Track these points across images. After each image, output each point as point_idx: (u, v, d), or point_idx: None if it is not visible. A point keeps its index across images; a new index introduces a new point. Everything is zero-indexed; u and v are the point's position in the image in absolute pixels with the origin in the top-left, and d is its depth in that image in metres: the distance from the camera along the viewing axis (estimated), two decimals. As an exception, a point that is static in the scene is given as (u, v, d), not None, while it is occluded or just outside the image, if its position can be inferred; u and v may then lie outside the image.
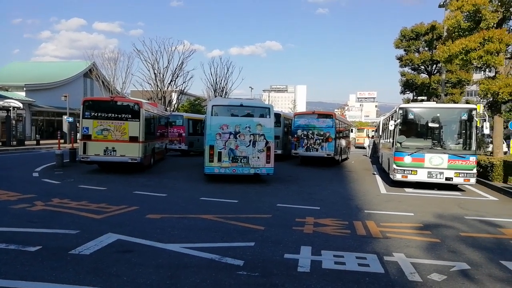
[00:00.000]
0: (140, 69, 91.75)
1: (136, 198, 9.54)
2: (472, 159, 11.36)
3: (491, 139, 19.02)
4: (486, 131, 11.66)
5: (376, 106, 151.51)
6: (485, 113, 13.78)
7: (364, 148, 33.35)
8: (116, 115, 13.65)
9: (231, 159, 11.93)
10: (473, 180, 11.38)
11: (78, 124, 16.00)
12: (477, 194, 11.58)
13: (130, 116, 13.71)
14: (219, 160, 11.89)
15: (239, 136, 11.99)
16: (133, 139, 13.59)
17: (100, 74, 39.91)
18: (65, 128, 32.95)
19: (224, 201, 9.32)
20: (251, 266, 4.84)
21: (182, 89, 39.61)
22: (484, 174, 13.63)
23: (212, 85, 41.28)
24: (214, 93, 40.67)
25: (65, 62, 57.94)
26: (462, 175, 11.30)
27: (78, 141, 14.55)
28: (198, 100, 46.88)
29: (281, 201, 9.56)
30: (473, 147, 11.52)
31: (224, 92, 41.08)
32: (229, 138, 11.95)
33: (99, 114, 13.63)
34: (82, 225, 6.66)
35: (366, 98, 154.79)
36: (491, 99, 15.33)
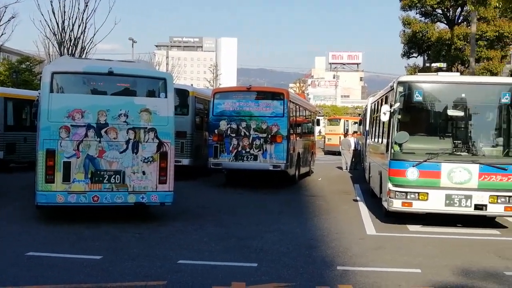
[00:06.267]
0: None
1: None
2: (519, 172, 8.81)
3: None
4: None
5: (361, 79, 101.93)
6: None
7: (339, 154, 21.41)
8: None
9: (90, 176, 7.59)
10: (520, 209, 9.02)
11: None
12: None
13: None
14: (67, 178, 7.51)
15: (106, 132, 7.68)
16: None
17: None
18: None
19: (77, 258, 6.03)
20: None
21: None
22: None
23: (55, 34, 24.61)
24: (60, 49, 25.13)
25: None
26: (503, 199, 8.19)
27: None
28: (28, 62, 33.30)
29: (187, 254, 6.51)
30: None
31: (81, 48, 25.31)
32: (86, 135, 7.64)
33: None
34: None
35: (344, 64, 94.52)
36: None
